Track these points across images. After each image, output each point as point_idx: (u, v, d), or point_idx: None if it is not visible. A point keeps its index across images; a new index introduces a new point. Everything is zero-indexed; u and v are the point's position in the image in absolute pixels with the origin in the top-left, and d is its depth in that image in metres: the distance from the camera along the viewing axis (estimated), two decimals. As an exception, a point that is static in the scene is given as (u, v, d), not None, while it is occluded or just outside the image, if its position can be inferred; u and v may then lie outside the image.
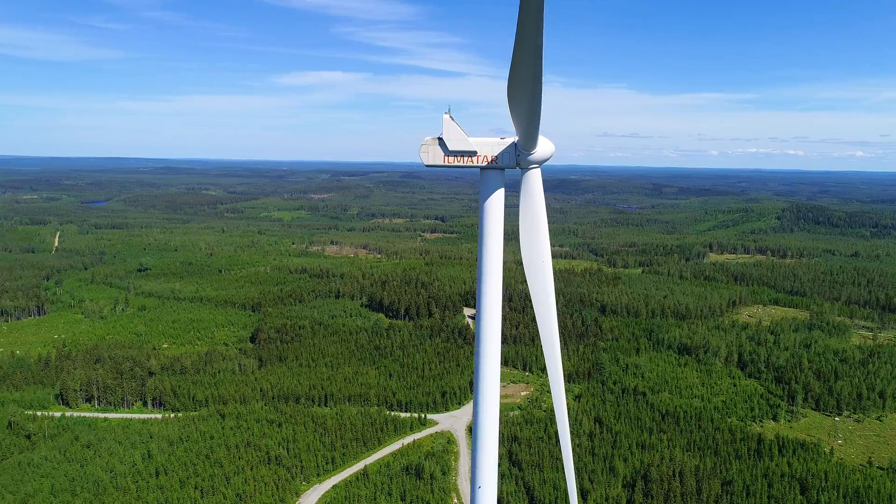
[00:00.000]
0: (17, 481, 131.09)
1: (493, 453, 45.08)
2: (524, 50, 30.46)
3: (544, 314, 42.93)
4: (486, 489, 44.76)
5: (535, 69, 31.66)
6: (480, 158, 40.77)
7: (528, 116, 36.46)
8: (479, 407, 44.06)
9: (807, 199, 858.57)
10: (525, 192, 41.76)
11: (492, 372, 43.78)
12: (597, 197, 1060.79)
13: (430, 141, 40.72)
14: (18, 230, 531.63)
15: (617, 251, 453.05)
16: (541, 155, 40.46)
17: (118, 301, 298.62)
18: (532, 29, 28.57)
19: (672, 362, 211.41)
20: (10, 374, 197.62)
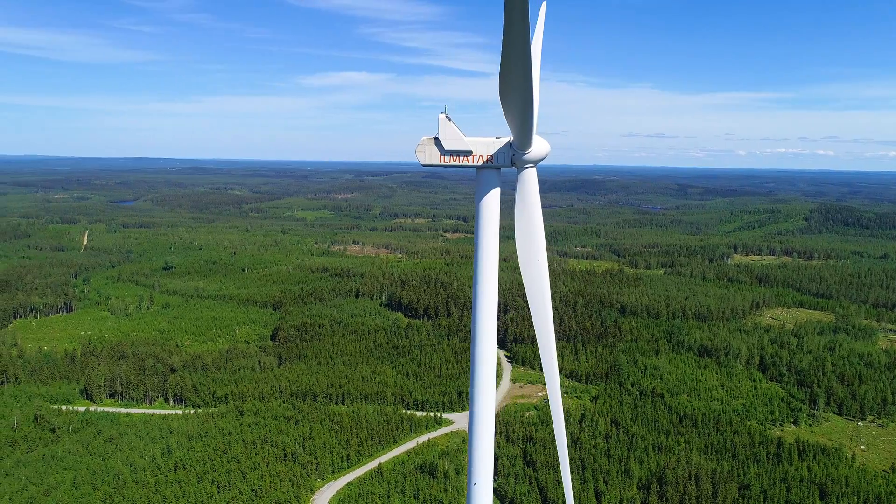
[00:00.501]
0: (41, 473, 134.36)
1: (489, 450, 45.33)
2: (512, 49, 30.78)
3: (540, 312, 43.07)
4: (481, 486, 45.07)
5: (524, 68, 31.95)
6: (476, 158, 40.98)
7: (520, 116, 36.74)
8: (475, 404, 44.37)
9: (836, 200, 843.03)
10: (520, 192, 41.94)
11: (487, 370, 44.00)
12: (621, 198, 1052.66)
13: (427, 141, 41.12)
14: (49, 229, 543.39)
15: (639, 252, 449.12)
16: (536, 154, 40.61)
17: (143, 299, 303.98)
18: (518, 27, 28.88)
19: (692, 364, 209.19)
20: (38, 369, 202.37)
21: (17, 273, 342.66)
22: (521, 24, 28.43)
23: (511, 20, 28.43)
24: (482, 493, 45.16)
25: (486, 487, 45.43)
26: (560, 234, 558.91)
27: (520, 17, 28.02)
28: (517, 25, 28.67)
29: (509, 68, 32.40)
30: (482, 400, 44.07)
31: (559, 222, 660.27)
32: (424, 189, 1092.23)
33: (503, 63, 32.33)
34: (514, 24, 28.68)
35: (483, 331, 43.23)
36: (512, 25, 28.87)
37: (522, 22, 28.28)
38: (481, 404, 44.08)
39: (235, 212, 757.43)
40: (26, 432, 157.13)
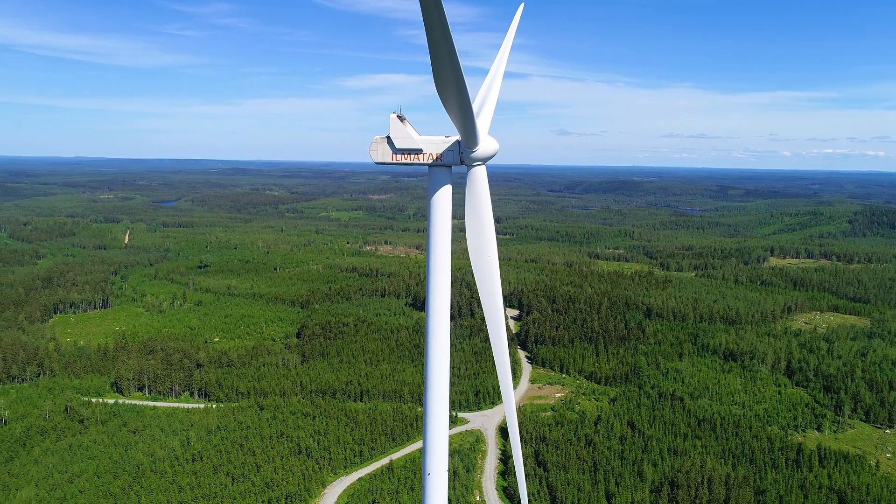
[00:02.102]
0: (67, 461, 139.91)
1: (444, 442, 46.36)
2: (436, 49, 31.84)
3: (491, 308, 43.98)
4: (435, 476, 46.14)
5: (452, 67, 32.96)
6: (426, 156, 42.16)
7: (460, 114, 37.73)
8: (429, 397, 45.44)
9: (884, 203, 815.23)
10: (470, 189, 42.91)
11: (441, 363, 45.08)
12: (658, 199, 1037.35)
13: (379, 139, 42.45)
14: (93, 228, 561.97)
15: (672, 254, 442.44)
16: (483, 152, 41.51)
17: (177, 296, 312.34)
18: (437, 28, 29.90)
19: (716, 368, 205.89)
20: (72, 362, 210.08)
21: (59, 270, 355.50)
22: (439, 22, 29.44)
23: (429, 19, 29.50)
24: (436, 482, 46.28)
25: (440, 477, 46.52)
26: (593, 236, 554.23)
27: (436, 15, 29.04)
28: (435, 24, 29.71)
29: (438, 67, 33.47)
30: (436, 391, 45.17)
31: (593, 224, 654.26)
32: (458, 190, 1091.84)
33: (432, 62, 33.43)
34: (432, 22, 29.74)
35: (436, 324, 44.34)
36: (430, 24, 29.93)
37: (440, 20, 29.30)
38: (435, 395, 45.18)
39: (272, 212, 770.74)
40: (57, 422, 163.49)
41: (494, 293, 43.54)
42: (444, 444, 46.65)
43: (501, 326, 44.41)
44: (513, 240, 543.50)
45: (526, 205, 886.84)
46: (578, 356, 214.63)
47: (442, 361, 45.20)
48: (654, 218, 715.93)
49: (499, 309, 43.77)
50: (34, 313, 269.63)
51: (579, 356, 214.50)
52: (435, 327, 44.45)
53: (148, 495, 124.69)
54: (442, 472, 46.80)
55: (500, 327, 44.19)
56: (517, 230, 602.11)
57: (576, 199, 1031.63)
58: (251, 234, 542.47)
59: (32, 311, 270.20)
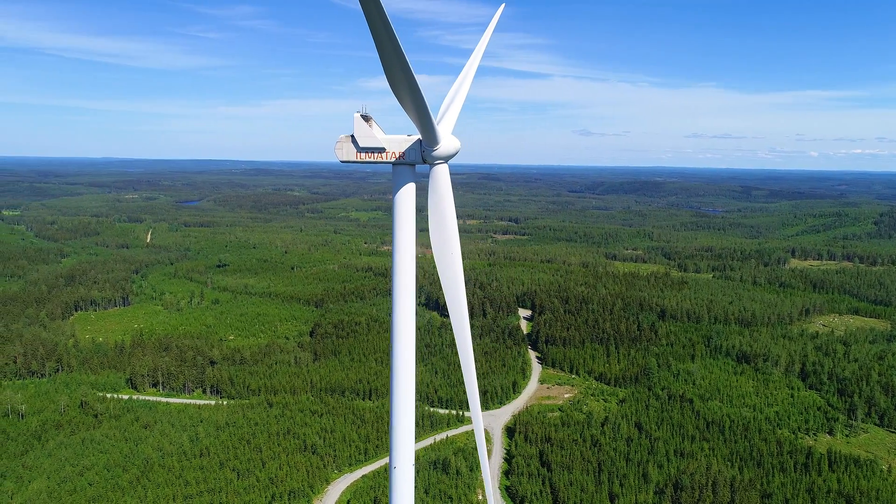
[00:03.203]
0: (79, 455, 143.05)
1: (410, 436, 47.02)
2: (383, 49, 32.52)
3: (455, 306, 44.39)
4: (400, 470, 46.82)
5: (401, 66, 33.59)
6: (389, 154, 42.85)
7: (416, 112, 38.35)
8: (395, 393, 46.17)
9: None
10: (432, 187, 43.45)
11: (406, 359, 45.78)
12: (680, 200, 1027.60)
13: (344, 138, 43.24)
14: (117, 227, 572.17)
15: (691, 255, 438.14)
16: (444, 151, 42.09)
17: (195, 294, 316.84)
18: (380, 26, 30.55)
19: (728, 370, 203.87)
20: (89, 358, 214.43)
21: (82, 268, 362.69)
22: (381, 21, 30.08)
23: (370, 18, 30.16)
24: (402, 476, 46.97)
25: (406, 472, 47.22)
26: (611, 237, 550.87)
27: (377, 14, 29.68)
28: (377, 23, 30.37)
29: (387, 66, 34.13)
30: (401, 390, 45.87)
31: (612, 224, 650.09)
32: (479, 190, 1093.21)
33: (382, 63, 34.13)
34: (374, 22, 30.40)
35: (401, 321, 45.07)
36: (373, 24, 30.60)
37: (381, 19, 29.93)
38: (401, 391, 45.89)
39: (292, 212, 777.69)
40: (72, 417, 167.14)
41: (458, 288, 44.04)
42: (411, 439, 47.33)
43: (465, 321, 44.84)
44: (530, 240, 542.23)
45: (545, 205, 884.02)
46: (589, 357, 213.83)
47: (407, 357, 45.92)
48: (674, 219, 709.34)
49: (462, 304, 44.19)
50: (55, 310, 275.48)
51: (590, 357, 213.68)
52: (400, 323, 45.18)
53: (154, 489, 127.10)
54: (408, 466, 47.49)
55: (463, 322, 44.62)
56: (535, 231, 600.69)
57: (596, 199, 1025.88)
58: (270, 233, 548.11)
59: (54, 309, 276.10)
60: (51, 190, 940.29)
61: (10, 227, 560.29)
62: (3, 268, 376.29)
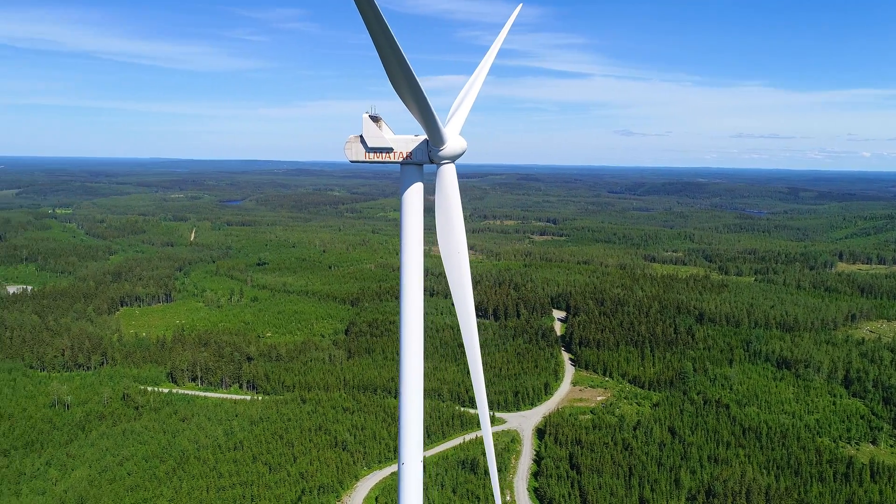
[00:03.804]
0: (119, 445, 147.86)
1: (418, 433, 47.49)
2: (381, 50, 33.09)
3: (462, 306, 44.74)
4: (408, 467, 47.36)
5: (401, 66, 34.11)
6: (397, 154, 43.43)
7: (420, 112, 38.83)
8: (403, 390, 46.76)
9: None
10: (439, 187, 43.85)
11: (415, 357, 46.26)
12: (724, 201, 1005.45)
13: (353, 139, 44.00)
14: (162, 226, 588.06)
15: (733, 258, 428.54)
16: (451, 151, 42.43)
17: (234, 292, 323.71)
18: (377, 28, 31.11)
19: (767, 376, 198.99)
20: (132, 352, 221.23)
21: (128, 266, 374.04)
22: (377, 23, 30.63)
23: (367, 21, 30.74)
24: (411, 472, 47.50)
25: (414, 467, 47.72)
26: (651, 238, 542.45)
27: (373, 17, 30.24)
28: (374, 25, 30.94)
29: (388, 67, 34.68)
30: (410, 388, 46.40)
31: (652, 226, 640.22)
32: (517, 191, 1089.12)
33: (383, 64, 34.69)
34: (371, 24, 30.98)
35: (410, 321, 45.61)
36: (370, 26, 31.18)
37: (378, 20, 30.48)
38: (409, 392, 46.43)
39: (331, 211, 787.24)
40: (114, 408, 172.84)
41: (465, 288, 44.29)
42: (419, 436, 47.81)
43: (472, 320, 45.21)
44: (568, 241, 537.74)
45: (584, 206, 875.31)
46: (623, 359, 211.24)
47: (416, 355, 46.39)
48: (717, 220, 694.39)
49: (469, 304, 44.54)
50: (102, 306, 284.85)
51: (624, 360, 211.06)
52: (408, 321, 45.72)
53: (189, 480, 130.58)
54: (416, 463, 47.99)
55: (470, 321, 45.00)
56: (573, 232, 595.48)
57: (637, 200, 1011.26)
58: (309, 233, 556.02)
59: (101, 304, 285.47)
60: (101, 189, 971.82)
61: (63, 225, 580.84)
62: (55, 264, 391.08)
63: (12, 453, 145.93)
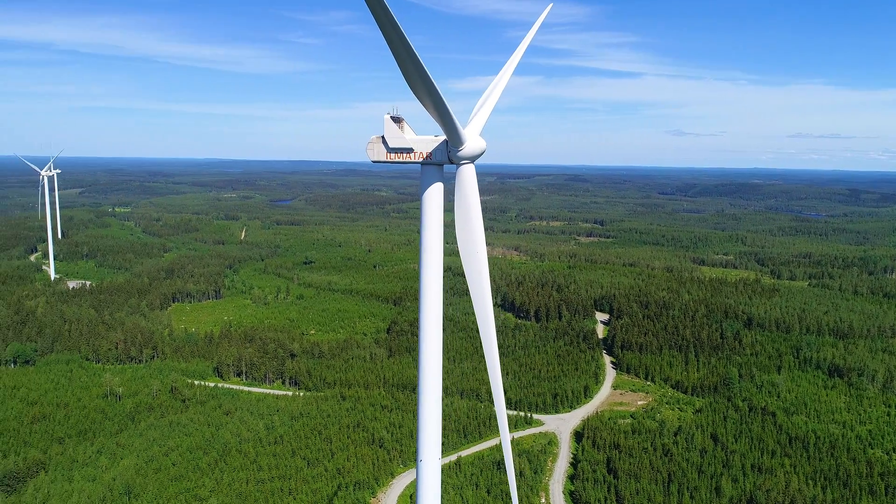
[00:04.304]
0: (166, 436, 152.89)
1: (436, 431, 48.06)
2: (396, 52, 33.71)
3: (480, 303, 45.16)
4: (426, 463, 47.96)
5: (416, 69, 34.72)
6: (417, 155, 44.08)
7: (437, 114, 39.37)
8: (422, 389, 47.43)
9: None
10: (459, 187, 44.28)
11: (433, 355, 46.91)
12: (779, 203, 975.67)
13: (375, 139, 44.88)
14: (214, 224, 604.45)
15: (786, 262, 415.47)
16: (470, 151, 42.84)
17: (281, 290, 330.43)
18: (391, 32, 31.73)
19: (817, 384, 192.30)
20: (181, 347, 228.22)
21: (181, 263, 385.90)
22: (391, 26, 31.26)
23: (381, 25, 31.42)
24: (428, 469, 48.12)
25: (432, 464, 48.31)
26: (701, 241, 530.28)
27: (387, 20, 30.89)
28: (388, 29, 31.60)
29: (404, 69, 35.31)
30: (429, 387, 47.08)
31: (703, 228, 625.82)
32: (565, 192, 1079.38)
33: (399, 66, 35.32)
34: (385, 27, 31.66)
35: (428, 319, 46.25)
36: (384, 29, 31.86)
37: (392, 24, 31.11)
38: (428, 391, 47.13)
39: (378, 211, 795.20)
40: (162, 401, 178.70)
41: (483, 287, 44.71)
42: (437, 434, 48.39)
43: (490, 319, 45.53)
44: (614, 243, 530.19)
45: (633, 207, 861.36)
46: (666, 364, 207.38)
47: (434, 354, 47.01)
48: (771, 223, 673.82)
49: (487, 303, 44.89)
50: (155, 301, 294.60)
51: (667, 364, 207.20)
52: (427, 319, 46.32)
53: (230, 472, 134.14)
54: (434, 460, 48.56)
55: (488, 320, 45.32)
56: (620, 233, 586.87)
57: (688, 202, 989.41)
58: (356, 232, 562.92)
59: (153, 300, 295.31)
60: (158, 189, 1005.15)
61: (121, 223, 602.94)
62: (113, 260, 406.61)
63: (66, 441, 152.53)
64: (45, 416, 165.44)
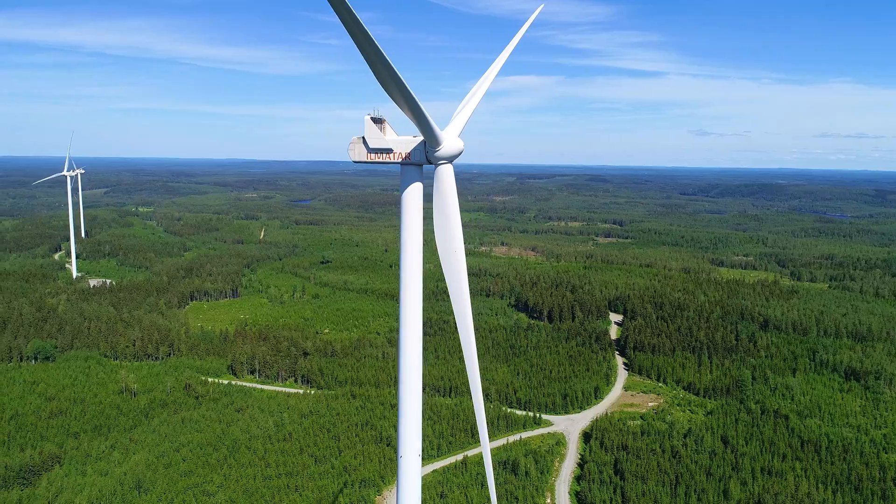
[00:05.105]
0: (177, 432, 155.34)
1: (416, 427, 48.66)
2: (367, 55, 34.40)
3: (458, 301, 45.71)
4: (406, 459, 48.58)
5: (387, 70, 35.38)
6: (396, 155, 44.78)
7: (412, 114, 40.05)
8: (402, 386, 48.05)
9: None
10: (437, 187, 44.93)
11: (413, 352, 47.49)
12: (804, 204, 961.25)
13: (356, 140, 45.68)
14: (234, 224, 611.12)
15: (807, 263, 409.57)
16: (447, 151, 43.46)
17: (297, 289, 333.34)
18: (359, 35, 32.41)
19: (833, 387, 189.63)
20: (196, 345, 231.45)
21: (200, 262, 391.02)
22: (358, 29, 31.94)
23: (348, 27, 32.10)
24: (408, 464, 48.73)
25: (412, 460, 48.89)
26: (721, 242, 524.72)
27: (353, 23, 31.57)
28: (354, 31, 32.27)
29: (375, 71, 35.99)
30: (409, 384, 47.68)
31: (723, 229, 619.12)
32: (585, 192, 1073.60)
33: (370, 67, 35.97)
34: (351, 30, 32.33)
35: (408, 317, 46.89)
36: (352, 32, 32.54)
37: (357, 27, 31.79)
38: (408, 383, 47.69)
39: (397, 212, 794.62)
40: (176, 397, 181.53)
41: (461, 285, 45.27)
42: (417, 430, 49.00)
43: (469, 322, 45.97)
44: (632, 244, 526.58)
45: (654, 208, 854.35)
46: (678, 365, 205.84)
47: (414, 351, 47.61)
48: (794, 224, 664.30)
49: (465, 300, 45.38)
50: (173, 299, 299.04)
51: (679, 365, 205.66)
52: (407, 317, 46.97)
53: (239, 468, 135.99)
54: (414, 456, 49.17)
55: (467, 323, 45.75)
56: (639, 234, 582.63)
57: (709, 202, 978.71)
58: (373, 232, 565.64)
59: (171, 298, 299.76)
60: (181, 188, 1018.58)
61: (143, 223, 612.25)
62: (134, 259, 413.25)
63: (82, 436, 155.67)
64: (63, 411, 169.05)
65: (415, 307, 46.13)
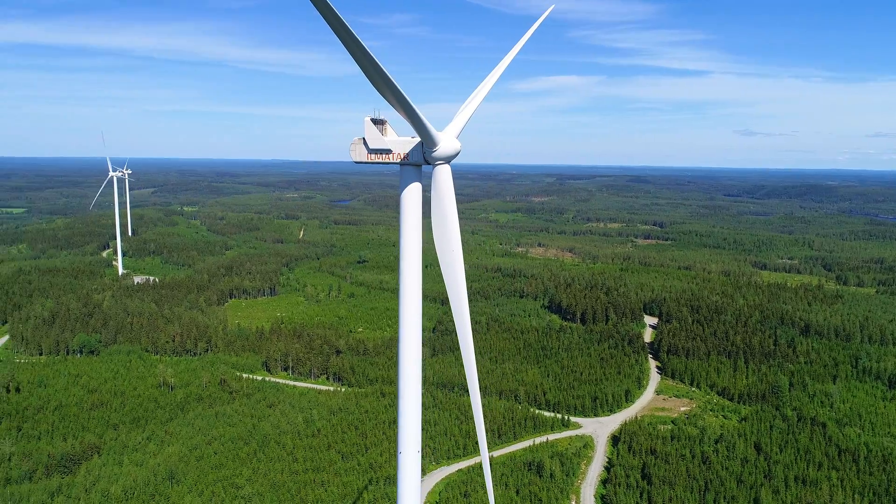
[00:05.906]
0: (211, 426, 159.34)
1: (416, 424, 49.30)
2: (358, 60, 35.22)
3: (456, 301, 46.22)
4: (406, 455, 49.27)
5: (378, 73, 36.13)
6: (395, 156, 45.52)
7: (407, 116, 40.73)
8: (402, 384, 48.81)
9: None
10: (434, 187, 45.49)
11: (412, 352, 48.21)
12: (854, 206, 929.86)
13: (357, 141, 46.58)
14: (274, 223, 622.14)
15: (854, 267, 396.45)
16: (444, 152, 43.99)
17: (333, 288, 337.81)
18: (348, 40, 33.24)
19: (875, 395, 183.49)
20: (233, 341, 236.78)
21: (240, 260, 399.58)
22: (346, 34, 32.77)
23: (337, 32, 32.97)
24: (408, 461, 49.41)
25: (411, 456, 49.55)
26: (764, 244, 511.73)
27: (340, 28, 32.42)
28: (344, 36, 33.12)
29: (367, 73, 36.77)
30: (408, 376, 48.36)
31: (767, 231, 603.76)
32: (625, 193, 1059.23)
33: (362, 70, 36.79)
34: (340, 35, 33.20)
35: (408, 316, 47.65)
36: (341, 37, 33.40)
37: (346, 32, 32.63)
38: (407, 380, 48.39)
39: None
40: (211, 392, 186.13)
41: (458, 285, 45.78)
42: (416, 427, 49.63)
43: (467, 322, 46.40)
44: (672, 246, 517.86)
45: (696, 209, 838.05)
46: (713, 370, 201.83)
47: (414, 350, 48.29)
48: (843, 226, 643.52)
49: (463, 300, 45.86)
50: (213, 297, 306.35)
51: (714, 370, 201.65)
52: (407, 316, 47.68)
53: (267, 462, 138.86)
54: (413, 452, 49.80)
55: (465, 322, 46.19)
56: (680, 236, 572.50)
57: (754, 204, 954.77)
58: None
59: (211, 295, 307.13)
60: (224, 189, 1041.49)
61: (188, 222, 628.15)
62: (178, 257, 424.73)
63: (120, 427, 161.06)
64: (103, 403, 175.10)
65: (414, 306, 46.90)
